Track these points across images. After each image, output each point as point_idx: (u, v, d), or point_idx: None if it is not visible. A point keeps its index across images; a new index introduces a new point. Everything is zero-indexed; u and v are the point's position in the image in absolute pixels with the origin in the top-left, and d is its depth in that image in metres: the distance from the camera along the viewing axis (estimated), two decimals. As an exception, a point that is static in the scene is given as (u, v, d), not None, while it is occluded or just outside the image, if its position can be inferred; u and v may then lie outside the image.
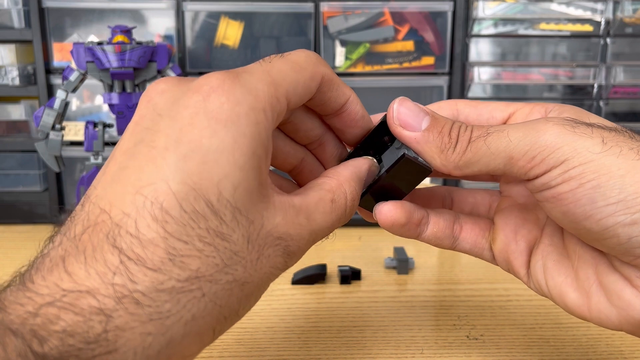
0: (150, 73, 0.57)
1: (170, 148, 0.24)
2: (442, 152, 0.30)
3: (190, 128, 0.24)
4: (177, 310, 0.23)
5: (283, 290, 0.52)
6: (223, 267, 0.24)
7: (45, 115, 0.57)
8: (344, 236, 0.67)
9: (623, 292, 0.28)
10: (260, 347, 0.41)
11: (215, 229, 0.23)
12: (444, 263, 0.59)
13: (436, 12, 0.68)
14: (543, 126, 0.28)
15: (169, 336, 0.23)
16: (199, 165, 0.23)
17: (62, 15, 0.68)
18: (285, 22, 0.68)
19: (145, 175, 0.23)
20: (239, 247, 0.24)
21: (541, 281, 0.32)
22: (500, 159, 0.29)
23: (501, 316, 0.46)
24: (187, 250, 0.23)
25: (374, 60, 0.69)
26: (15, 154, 0.71)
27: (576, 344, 0.41)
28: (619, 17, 0.68)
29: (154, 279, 0.22)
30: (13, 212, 0.71)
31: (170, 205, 0.23)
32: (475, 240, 0.34)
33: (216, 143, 0.24)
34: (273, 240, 0.26)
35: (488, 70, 0.70)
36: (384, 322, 0.45)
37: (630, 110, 0.72)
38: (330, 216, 0.28)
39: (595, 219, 0.26)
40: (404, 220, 0.32)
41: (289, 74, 0.27)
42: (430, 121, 0.30)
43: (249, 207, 0.24)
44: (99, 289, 0.22)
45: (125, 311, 0.22)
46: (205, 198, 0.23)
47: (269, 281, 0.27)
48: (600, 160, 0.26)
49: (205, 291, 0.23)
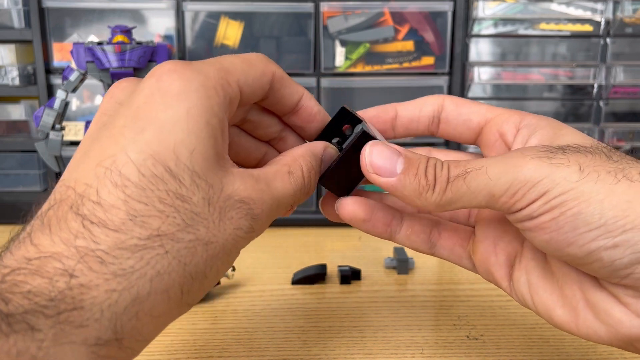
0: (150, 73, 0.57)
1: (128, 125, 0.25)
2: (421, 195, 0.29)
3: (146, 106, 0.26)
4: (141, 266, 0.24)
5: (283, 290, 0.52)
6: (185, 227, 0.25)
7: (45, 115, 0.57)
8: (344, 236, 0.67)
9: (612, 310, 0.28)
10: (260, 347, 0.41)
11: (175, 191, 0.25)
12: (444, 263, 0.59)
13: (436, 12, 0.68)
14: (521, 161, 0.28)
15: (135, 292, 0.23)
16: (155, 135, 0.25)
17: (62, 15, 0.68)
18: (285, 22, 0.68)
19: (106, 151, 0.25)
20: (200, 209, 0.25)
21: (526, 296, 0.32)
22: (482, 196, 0.29)
23: (501, 316, 0.46)
24: (147, 210, 0.24)
25: (374, 60, 0.69)
26: (15, 154, 0.71)
27: (576, 344, 0.41)
28: (619, 17, 0.68)
29: (116, 238, 0.23)
30: (13, 212, 0.71)
31: (129, 171, 0.24)
32: (453, 249, 0.34)
33: (170, 114, 0.25)
34: (234, 203, 0.27)
35: (488, 70, 0.70)
36: (384, 322, 0.45)
37: (630, 110, 0.72)
38: (290, 185, 0.30)
39: (578, 245, 0.27)
40: (362, 216, 0.33)
41: (240, 65, 0.29)
42: (405, 163, 0.30)
43: (207, 172, 0.26)
44: (62, 253, 0.23)
45: (89, 270, 0.23)
46: (163, 163, 0.25)
47: (237, 245, 0.27)
48: (580, 188, 0.26)
49: (167, 248, 0.24)
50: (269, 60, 0.31)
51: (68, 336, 0.22)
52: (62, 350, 0.22)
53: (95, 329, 0.22)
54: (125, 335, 0.23)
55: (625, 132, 0.72)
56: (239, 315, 0.46)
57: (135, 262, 0.24)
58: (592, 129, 0.71)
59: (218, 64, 0.28)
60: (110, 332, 0.23)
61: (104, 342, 0.23)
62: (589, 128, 0.71)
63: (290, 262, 0.58)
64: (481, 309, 0.47)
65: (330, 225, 0.71)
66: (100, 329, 0.23)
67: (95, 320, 0.23)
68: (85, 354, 0.22)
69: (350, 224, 0.34)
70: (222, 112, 0.27)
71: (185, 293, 0.25)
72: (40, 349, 0.21)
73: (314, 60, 0.69)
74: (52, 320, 0.22)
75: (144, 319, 0.24)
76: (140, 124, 0.25)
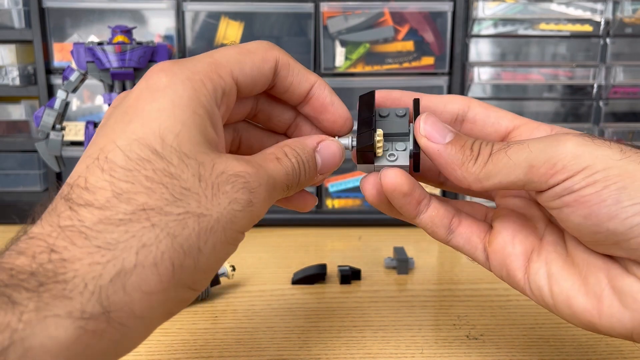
0: (150, 73, 0.57)
1: (118, 120, 0.27)
2: (463, 165, 0.31)
3: (135, 102, 0.27)
4: (126, 239, 0.24)
5: (283, 290, 0.52)
6: (174, 201, 0.25)
7: (45, 115, 0.57)
8: (344, 236, 0.67)
9: (639, 294, 0.28)
10: (260, 347, 0.41)
11: (163, 170, 0.25)
12: (444, 263, 0.59)
13: (436, 12, 0.68)
14: (563, 137, 0.29)
15: (120, 264, 0.23)
16: (141, 124, 0.26)
17: (62, 16, 0.68)
18: (285, 22, 0.69)
19: (97, 146, 0.26)
20: (190, 184, 0.26)
21: (544, 287, 0.32)
22: (521, 169, 0.29)
23: (501, 316, 0.46)
24: (133, 188, 0.25)
25: (374, 61, 0.69)
26: (15, 154, 0.71)
27: (576, 344, 0.41)
28: (618, 17, 0.68)
29: (100, 214, 0.24)
30: (13, 212, 0.71)
31: (115, 156, 0.25)
32: (470, 238, 0.34)
33: (156, 106, 0.26)
34: (228, 177, 0.27)
35: (488, 71, 0.70)
36: (384, 322, 0.45)
37: (630, 110, 0.72)
38: (281, 168, 0.30)
39: (620, 219, 0.27)
40: (406, 189, 0.32)
41: (233, 56, 0.29)
42: (454, 137, 0.32)
43: (196, 153, 0.26)
44: (47, 233, 0.24)
45: (72, 244, 0.23)
46: (149, 145, 0.25)
47: (235, 220, 0.27)
48: (623, 166, 0.27)
49: (154, 221, 0.24)
50: (272, 46, 0.31)
51: (51, 309, 0.22)
52: (44, 323, 0.21)
53: (79, 302, 0.22)
54: (113, 308, 0.23)
55: (625, 132, 0.72)
56: (239, 315, 0.46)
57: (119, 235, 0.24)
58: (592, 129, 0.71)
59: (209, 57, 0.29)
60: (96, 304, 0.23)
61: (90, 315, 0.23)
62: (588, 128, 0.71)
63: (290, 262, 0.58)
64: (481, 309, 0.47)
65: (330, 225, 0.72)
66: (85, 302, 0.22)
67: (79, 292, 0.23)
68: (72, 328, 0.22)
69: (391, 197, 0.33)
70: (211, 104, 0.28)
71: (176, 267, 0.25)
72: (20, 321, 0.21)
73: (314, 61, 0.69)
74: (32, 294, 0.22)
75: (133, 293, 0.24)
76: (127, 117, 0.26)
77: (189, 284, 0.26)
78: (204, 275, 0.27)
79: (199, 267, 0.26)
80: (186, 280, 0.26)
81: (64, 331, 0.22)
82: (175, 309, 0.27)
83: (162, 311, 0.25)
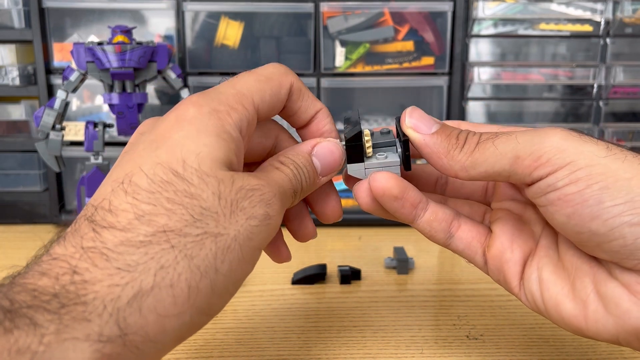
0: (150, 73, 0.57)
1: (147, 147, 0.27)
2: (449, 153, 0.31)
3: (163, 131, 0.28)
4: (145, 260, 0.24)
5: (283, 290, 0.52)
6: (193, 222, 0.25)
7: (45, 115, 0.57)
8: (344, 236, 0.67)
9: (621, 300, 0.28)
10: (260, 347, 0.41)
11: (184, 191, 0.26)
12: (444, 263, 0.59)
13: (436, 12, 0.68)
14: (551, 131, 0.29)
15: (138, 286, 0.24)
16: (166, 151, 0.27)
17: (62, 15, 0.68)
18: (285, 22, 0.69)
19: (124, 170, 0.27)
20: (210, 204, 0.26)
21: (535, 293, 0.32)
22: (507, 159, 0.29)
23: (501, 316, 0.46)
24: (154, 210, 0.25)
25: (374, 61, 0.69)
26: (15, 154, 0.71)
27: (576, 344, 0.41)
28: (618, 17, 0.68)
29: (122, 236, 0.24)
30: (13, 212, 0.71)
31: (139, 179, 0.26)
32: (470, 243, 0.34)
33: (183, 133, 0.27)
34: (246, 193, 0.27)
35: (488, 71, 0.70)
36: (384, 322, 0.45)
37: (629, 110, 0.72)
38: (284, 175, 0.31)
39: (602, 219, 0.27)
40: (396, 192, 0.33)
41: (254, 85, 0.30)
42: (440, 127, 0.32)
43: (215, 170, 0.27)
44: (69, 254, 0.24)
45: (94, 266, 0.24)
46: (171, 168, 0.26)
47: (252, 237, 0.27)
48: (607, 165, 0.27)
49: (173, 243, 0.25)
50: (288, 71, 0.32)
51: (70, 331, 0.22)
52: (64, 346, 0.21)
53: (98, 324, 0.22)
54: (129, 331, 0.23)
55: (625, 132, 0.72)
56: (239, 315, 0.46)
57: (139, 257, 0.24)
58: (592, 129, 0.71)
59: (232, 88, 0.30)
60: (114, 327, 0.23)
61: (107, 338, 0.23)
62: (588, 128, 0.71)
63: (290, 262, 0.58)
64: (481, 309, 0.47)
65: (330, 225, 0.71)
66: (103, 324, 0.23)
67: (97, 315, 0.23)
68: (89, 351, 0.22)
69: (382, 201, 0.33)
70: (236, 132, 0.28)
71: (192, 289, 0.25)
72: (41, 344, 0.21)
73: (314, 61, 0.69)
74: (54, 316, 0.22)
75: (148, 316, 0.24)
76: (155, 144, 0.27)
77: (205, 309, 0.26)
78: (220, 300, 0.27)
79: (216, 289, 0.26)
80: (202, 304, 0.26)
81: (82, 354, 0.22)
82: (187, 334, 0.26)
83: (174, 336, 0.25)
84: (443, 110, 0.70)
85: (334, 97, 0.70)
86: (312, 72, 0.69)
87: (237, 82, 0.30)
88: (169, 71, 0.58)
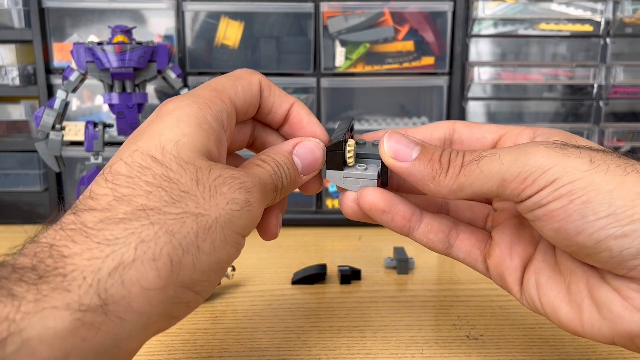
0: (150, 73, 0.57)
1: (129, 141, 0.29)
2: (434, 179, 0.31)
3: (144, 125, 0.29)
4: (125, 235, 0.25)
5: (283, 290, 0.52)
6: (172, 202, 0.26)
7: (45, 115, 0.57)
8: (344, 236, 0.67)
9: (613, 305, 0.28)
10: (260, 347, 0.41)
11: (162, 175, 0.27)
12: (444, 263, 0.59)
13: (436, 12, 0.68)
14: (533, 149, 0.29)
15: (118, 258, 0.24)
16: (146, 139, 0.28)
17: (62, 15, 0.68)
18: (285, 22, 0.68)
19: (108, 164, 0.28)
20: (188, 187, 0.27)
21: (534, 297, 0.32)
22: (493, 181, 0.29)
23: (501, 316, 0.46)
24: (133, 192, 0.26)
25: (374, 60, 0.69)
26: (15, 154, 0.71)
27: (576, 344, 0.41)
28: (618, 17, 0.68)
29: (101, 215, 0.25)
30: (13, 212, 0.71)
31: (118, 166, 0.27)
32: (470, 251, 0.35)
33: (162, 124, 0.29)
34: (225, 180, 0.28)
35: (488, 70, 0.70)
36: (384, 322, 0.45)
37: (629, 110, 0.72)
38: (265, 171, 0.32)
39: (587, 233, 0.27)
40: (382, 206, 0.33)
41: (227, 82, 0.32)
42: (420, 151, 0.32)
43: (194, 159, 0.28)
44: (50, 236, 0.25)
45: (73, 242, 0.24)
46: (150, 155, 0.27)
47: (233, 220, 0.28)
48: (589, 177, 0.27)
49: (153, 220, 0.25)
50: (253, 71, 0.34)
51: (49, 301, 0.22)
52: (42, 314, 0.22)
53: (77, 294, 0.23)
54: (110, 301, 0.23)
55: (625, 132, 0.72)
56: (239, 315, 0.46)
57: (119, 232, 0.25)
58: (592, 129, 0.71)
59: (209, 86, 0.32)
60: (94, 297, 0.23)
61: (88, 307, 0.23)
62: (588, 128, 0.71)
63: (290, 262, 0.58)
64: (481, 309, 0.47)
65: (330, 225, 0.72)
66: (83, 294, 0.23)
67: (77, 285, 0.23)
68: (69, 320, 0.22)
69: (370, 215, 0.34)
70: (216, 123, 0.30)
71: (175, 264, 0.25)
72: (19, 312, 0.21)
73: (314, 60, 0.69)
74: (32, 286, 0.22)
75: (131, 288, 0.24)
76: (136, 138, 0.29)
77: (189, 284, 0.26)
78: (204, 276, 0.27)
79: (198, 265, 0.26)
80: (185, 279, 0.26)
81: (61, 322, 0.22)
82: (176, 311, 0.27)
83: (160, 310, 0.25)
84: (443, 110, 0.70)
85: (334, 97, 0.70)
86: (312, 72, 0.69)
87: (211, 82, 0.32)
88: (168, 71, 0.58)
